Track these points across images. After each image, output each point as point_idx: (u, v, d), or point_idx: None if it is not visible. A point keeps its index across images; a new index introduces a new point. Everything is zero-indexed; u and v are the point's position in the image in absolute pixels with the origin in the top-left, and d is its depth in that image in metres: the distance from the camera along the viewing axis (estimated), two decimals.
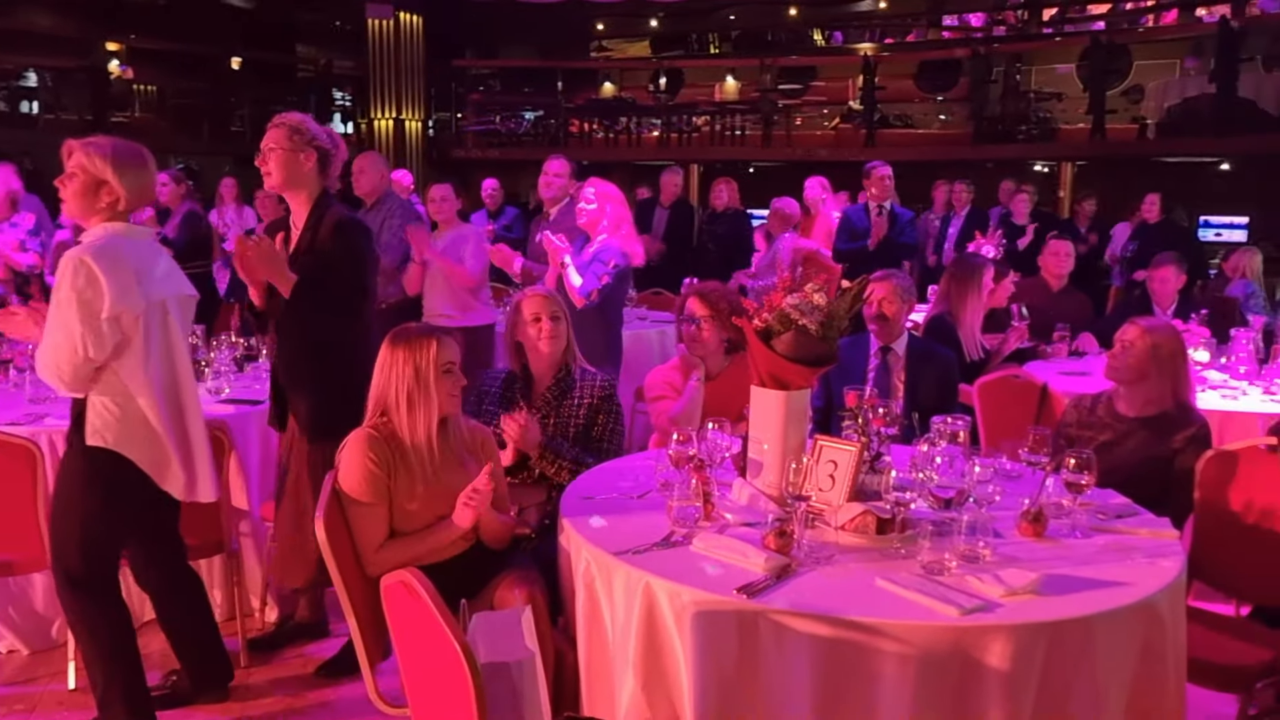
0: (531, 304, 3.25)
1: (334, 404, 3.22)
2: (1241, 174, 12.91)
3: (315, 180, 3.32)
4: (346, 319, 3.30)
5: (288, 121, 3.30)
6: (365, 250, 3.35)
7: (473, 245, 5.34)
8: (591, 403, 3.21)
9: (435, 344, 2.62)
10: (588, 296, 4.38)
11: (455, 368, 2.66)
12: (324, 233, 3.26)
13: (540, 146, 14.66)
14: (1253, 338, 4.66)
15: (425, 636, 1.96)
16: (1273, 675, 2.64)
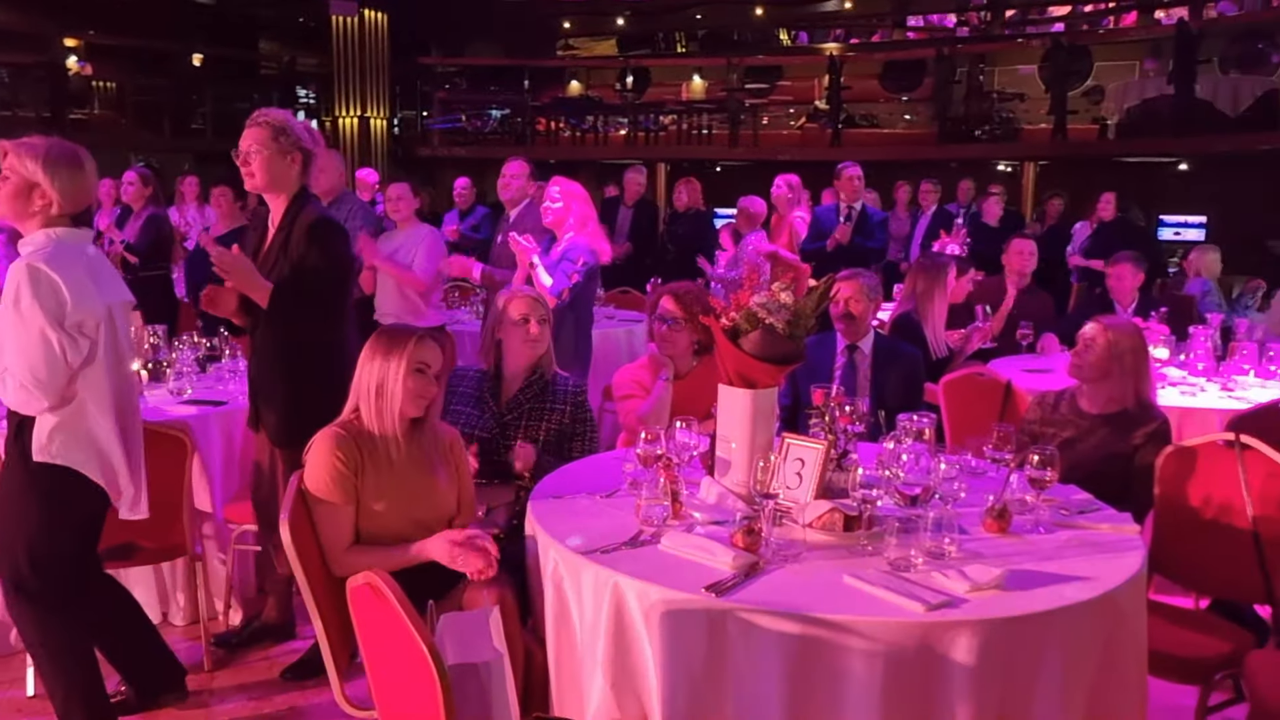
0: (520, 305, 3.23)
1: (308, 410, 3.18)
2: (1199, 174, 13.11)
3: (297, 181, 3.28)
4: (324, 321, 3.27)
5: (272, 121, 3.22)
6: (342, 251, 3.31)
7: (426, 247, 5.28)
8: (564, 410, 3.20)
9: (413, 341, 2.61)
10: (559, 296, 4.38)
11: (429, 371, 2.61)
12: (299, 234, 3.21)
13: (507, 145, 14.61)
14: (1210, 335, 4.74)
15: (392, 638, 1.95)
16: (1231, 667, 2.68)
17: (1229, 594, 3.14)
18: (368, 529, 2.59)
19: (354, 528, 2.58)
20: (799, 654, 1.98)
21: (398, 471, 2.61)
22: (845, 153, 12.64)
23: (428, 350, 2.62)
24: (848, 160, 7.21)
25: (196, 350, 4.25)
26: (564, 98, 16.64)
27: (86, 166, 2.79)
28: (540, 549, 2.41)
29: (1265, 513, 2.86)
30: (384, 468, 2.60)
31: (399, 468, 2.61)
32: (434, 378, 2.63)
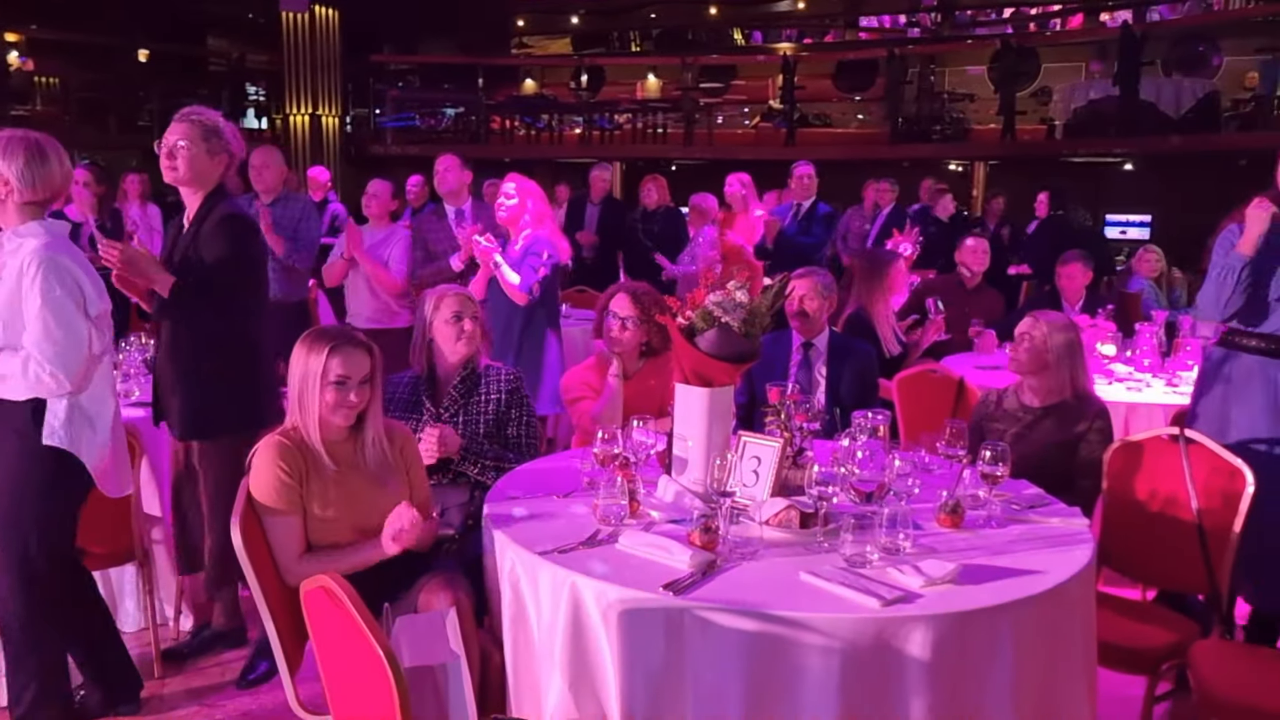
0: (452, 303, 3.20)
1: (209, 403, 3.23)
2: (1144, 174, 13.39)
3: (217, 179, 3.30)
4: (228, 317, 3.27)
5: (203, 120, 3.24)
6: (251, 248, 3.32)
7: (401, 248, 5.25)
8: (499, 398, 3.17)
9: (327, 352, 2.50)
10: (529, 292, 4.37)
11: (351, 383, 2.51)
12: (209, 228, 3.22)
13: (461, 143, 14.51)
14: (1156, 332, 4.83)
15: (347, 642, 1.93)
16: (1177, 657, 2.74)
17: (1174, 585, 3.20)
18: (318, 537, 2.55)
19: (303, 536, 2.54)
20: (757, 651, 1.99)
21: (343, 479, 2.57)
22: (799, 152, 12.74)
23: (346, 361, 2.50)
24: (802, 160, 7.26)
25: (145, 352, 4.17)
26: (518, 96, 16.59)
27: (51, 156, 2.81)
28: (497, 549, 2.40)
29: (1209, 506, 2.92)
30: (328, 475, 2.55)
31: (344, 475, 2.57)
32: (360, 386, 2.53)
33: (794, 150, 12.79)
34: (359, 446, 2.60)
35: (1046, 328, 3.36)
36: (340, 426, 2.56)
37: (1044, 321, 3.39)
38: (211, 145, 3.23)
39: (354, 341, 2.56)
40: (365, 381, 2.55)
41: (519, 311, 4.48)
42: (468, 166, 5.34)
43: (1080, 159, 12.84)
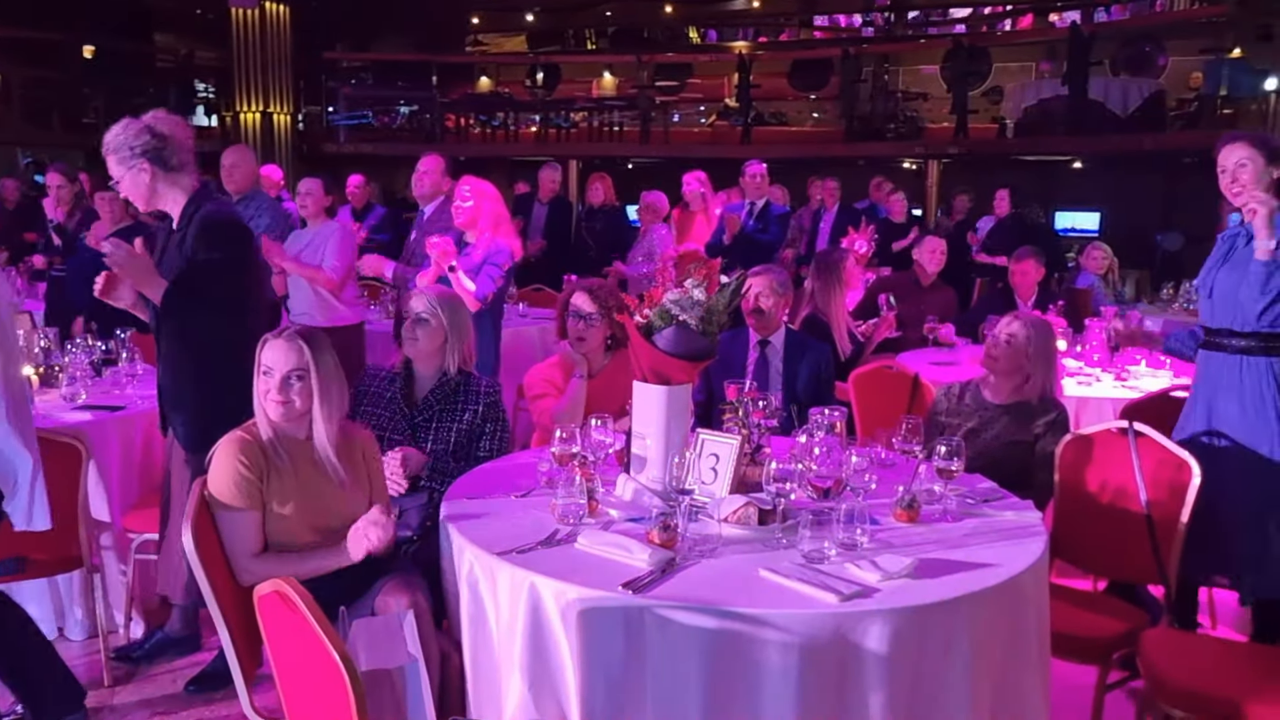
0: (410, 302, 3.20)
1: (216, 413, 3.08)
2: (1093, 172, 13.62)
3: (172, 179, 3.20)
4: (220, 319, 3.18)
5: (108, 146, 3.15)
6: (233, 247, 3.22)
7: (336, 243, 5.17)
8: (477, 409, 3.15)
9: (263, 344, 2.53)
10: (483, 300, 4.34)
11: (274, 374, 2.49)
12: (193, 232, 3.15)
13: (416, 141, 14.40)
14: (1105, 327, 4.91)
15: (303, 646, 1.90)
16: (1128, 646, 2.79)
17: (1125, 576, 3.26)
18: (275, 536, 2.52)
19: (260, 534, 2.51)
20: (716, 648, 1.99)
21: (303, 476, 2.54)
22: (755, 151, 12.79)
23: (271, 352, 2.50)
24: (756, 158, 7.29)
25: (91, 354, 4.09)
26: (474, 94, 16.51)
27: None
28: (455, 550, 2.38)
29: (1157, 497, 2.98)
30: (288, 472, 2.53)
31: (303, 473, 2.54)
32: (296, 381, 2.49)
33: (750, 149, 12.85)
34: (313, 447, 2.57)
35: (1034, 330, 3.41)
36: (283, 422, 2.52)
37: (1030, 324, 3.43)
38: (125, 164, 3.13)
39: (285, 335, 2.53)
40: (300, 378, 2.50)
41: None
42: (449, 173, 5.19)
43: (1031, 157, 13.03)
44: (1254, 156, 3.11)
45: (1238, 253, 3.17)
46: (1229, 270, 3.17)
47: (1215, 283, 3.19)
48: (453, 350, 3.16)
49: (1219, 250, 3.26)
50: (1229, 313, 3.18)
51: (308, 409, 2.53)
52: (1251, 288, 3.06)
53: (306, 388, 2.50)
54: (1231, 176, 3.14)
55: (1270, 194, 3.10)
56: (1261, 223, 3.03)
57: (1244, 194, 3.10)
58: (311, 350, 2.51)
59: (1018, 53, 15.18)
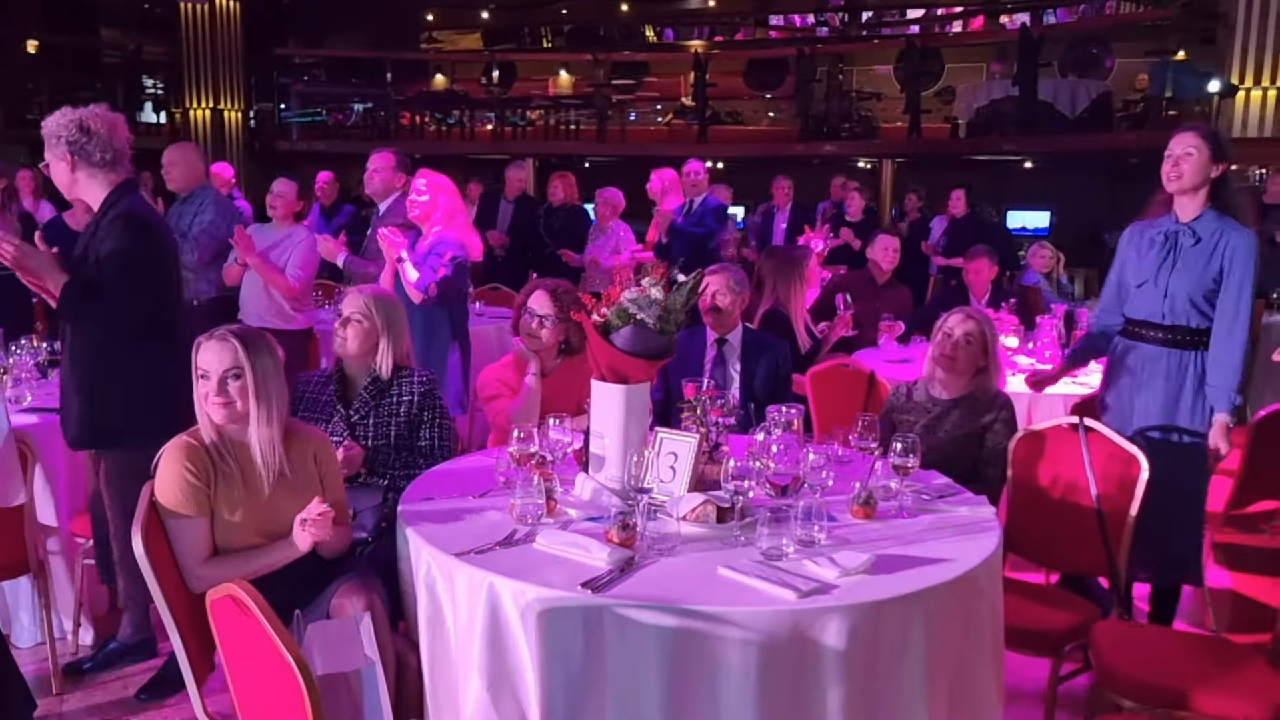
0: (344, 302, 3.16)
1: (106, 411, 3.10)
2: (1043, 171, 13.84)
3: (93, 172, 3.17)
4: (127, 319, 3.14)
5: (43, 130, 3.15)
6: (147, 245, 3.17)
7: (302, 251, 5.10)
8: (412, 400, 3.12)
9: (196, 347, 2.47)
10: (425, 291, 4.29)
11: (210, 377, 2.44)
12: (104, 226, 3.12)
13: (370, 139, 14.25)
14: (1055, 325, 4.99)
15: (256, 651, 1.88)
16: (1079, 638, 2.83)
17: (1076, 569, 3.31)
18: (224, 542, 2.48)
19: (209, 541, 2.46)
20: (676, 646, 1.99)
21: (251, 482, 2.50)
22: (711, 149, 12.85)
23: (205, 353, 2.46)
24: (714, 157, 7.29)
25: (36, 355, 3.99)
26: (428, 91, 16.38)
27: None
28: (412, 551, 2.36)
29: (1106, 491, 3.03)
30: (235, 478, 2.48)
31: (251, 478, 2.50)
32: (232, 381, 2.45)
33: (706, 147, 12.89)
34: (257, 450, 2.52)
35: (987, 327, 3.46)
36: (227, 425, 2.48)
37: (983, 321, 3.48)
38: (53, 152, 3.14)
39: (217, 335, 2.48)
40: (237, 377, 2.45)
41: (418, 311, 4.40)
42: (403, 168, 5.13)
43: (983, 156, 13.20)
44: (1200, 147, 3.19)
45: (1185, 253, 3.24)
46: (1180, 273, 3.23)
47: (1170, 286, 3.25)
48: (388, 351, 3.12)
49: (1159, 248, 3.31)
50: (1159, 307, 3.26)
51: (249, 409, 2.47)
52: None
53: (244, 387, 2.45)
54: (1174, 162, 3.21)
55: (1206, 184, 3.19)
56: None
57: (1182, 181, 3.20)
58: (246, 349, 2.45)
59: (969, 54, 15.39)
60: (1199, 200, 3.24)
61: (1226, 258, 3.18)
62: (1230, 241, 3.18)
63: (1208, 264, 3.20)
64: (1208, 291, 3.21)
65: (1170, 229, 3.29)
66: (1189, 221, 3.26)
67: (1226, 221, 3.22)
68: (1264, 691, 2.45)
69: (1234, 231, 3.20)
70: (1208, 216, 3.23)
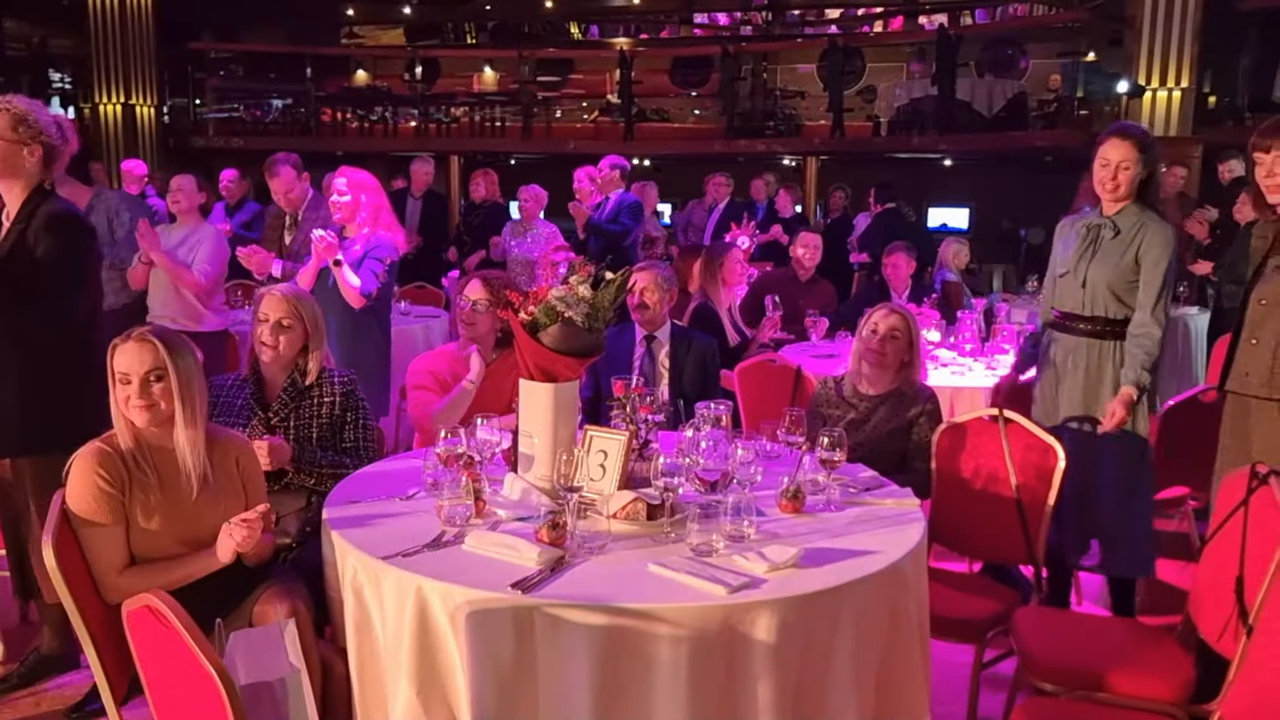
0: (265, 304, 3.07)
1: (28, 416, 3.01)
2: (961, 169, 14.13)
3: (36, 173, 3.09)
4: (58, 321, 3.05)
5: (11, 109, 3.04)
6: (83, 248, 3.12)
7: (209, 247, 4.96)
8: (333, 400, 3.07)
9: (112, 350, 2.40)
10: (368, 296, 4.23)
11: (132, 380, 2.37)
12: (37, 226, 3.01)
13: (290, 135, 13.94)
14: (975, 319, 5.11)
15: (176, 663, 1.82)
16: (1001, 624, 2.90)
17: (997, 557, 3.40)
18: (142, 551, 2.40)
19: (125, 550, 2.39)
20: (606, 645, 1.99)
21: (169, 488, 2.43)
22: (637, 147, 12.86)
23: (123, 355, 2.39)
24: (639, 154, 7.29)
25: None
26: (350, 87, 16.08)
27: None
28: (338, 555, 2.32)
29: (1025, 481, 3.11)
30: (152, 485, 2.41)
31: (170, 484, 2.43)
32: (155, 384, 2.38)
33: (632, 145, 12.89)
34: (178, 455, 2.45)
35: (911, 322, 3.52)
36: (150, 428, 2.41)
37: (907, 317, 3.54)
38: (20, 134, 3.03)
39: (137, 337, 2.41)
40: (159, 378, 2.38)
41: (349, 313, 4.33)
42: (302, 171, 5.09)
43: (904, 154, 13.43)
44: (1138, 160, 3.27)
45: (1104, 245, 3.33)
46: (1098, 264, 3.32)
47: (1088, 276, 3.34)
48: (315, 353, 3.07)
49: (1081, 240, 3.40)
50: (1080, 297, 3.35)
51: (171, 411, 2.41)
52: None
53: (167, 388, 2.38)
54: (1113, 173, 3.29)
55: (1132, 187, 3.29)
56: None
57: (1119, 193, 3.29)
58: (167, 348, 2.39)
59: (890, 53, 15.63)
60: (1125, 201, 3.34)
61: (1143, 249, 3.27)
62: (1149, 233, 3.27)
63: (1124, 255, 3.28)
64: (1126, 283, 3.29)
65: (1094, 222, 3.39)
66: (1112, 215, 3.35)
67: (1147, 215, 3.31)
68: (1175, 671, 2.54)
69: (1153, 224, 3.29)
70: (1130, 210, 3.33)
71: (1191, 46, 9.97)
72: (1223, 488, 2.67)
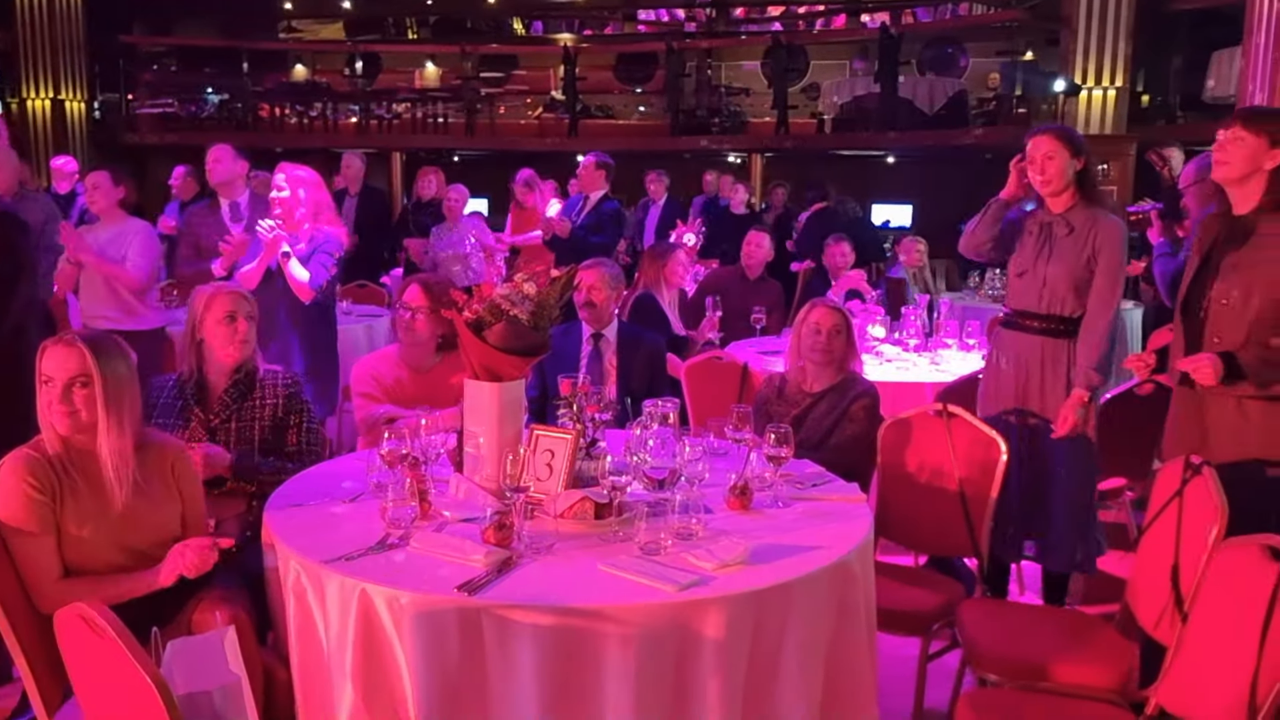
0: (225, 302, 2.99)
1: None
2: (904, 166, 14.30)
3: None
4: (17, 316, 2.99)
5: None
6: (16, 245, 3.07)
7: (140, 243, 4.81)
8: (276, 403, 3.01)
9: (42, 352, 2.33)
10: (318, 290, 4.16)
11: (54, 383, 2.30)
12: None
13: (226, 131, 13.65)
14: (919, 315, 5.17)
15: (111, 673, 1.77)
16: (946, 617, 2.94)
17: (942, 550, 3.43)
18: (75, 559, 2.33)
19: (58, 558, 2.31)
20: (555, 645, 1.97)
21: (100, 494, 2.35)
22: (583, 144, 12.80)
23: (49, 359, 2.32)
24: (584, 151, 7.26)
25: None
26: (288, 82, 15.80)
27: None
28: (280, 560, 2.27)
29: (969, 474, 3.15)
30: (83, 491, 2.34)
31: (100, 491, 2.35)
32: (79, 389, 2.31)
33: (577, 141, 12.85)
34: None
35: (844, 318, 3.54)
36: (72, 435, 2.34)
37: (841, 312, 3.56)
38: None
39: (65, 340, 2.34)
40: (84, 385, 2.31)
41: (298, 310, 4.25)
42: (242, 155, 5.00)
43: (848, 152, 13.55)
44: (1059, 149, 3.33)
45: (1059, 242, 3.37)
46: (1056, 262, 3.36)
47: (1047, 275, 3.38)
48: (257, 347, 3.03)
49: (1035, 238, 3.42)
50: (1037, 296, 3.39)
51: (95, 419, 2.33)
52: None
53: (91, 395, 2.31)
54: (1039, 168, 3.34)
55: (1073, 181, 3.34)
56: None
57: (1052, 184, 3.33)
58: (95, 355, 2.31)
59: (833, 51, 15.78)
60: (1068, 195, 3.38)
61: (1097, 246, 3.31)
62: (1102, 230, 3.31)
63: (1080, 252, 3.32)
64: (1082, 280, 3.33)
65: (1045, 220, 3.43)
66: (1062, 213, 3.40)
67: (1097, 211, 3.36)
68: (1114, 659, 2.59)
69: (1105, 220, 3.33)
70: (1079, 207, 3.37)
71: (1125, 46, 10.19)
72: (1158, 479, 2.72)
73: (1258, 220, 2.83)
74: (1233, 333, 2.82)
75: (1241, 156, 2.80)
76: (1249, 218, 2.85)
